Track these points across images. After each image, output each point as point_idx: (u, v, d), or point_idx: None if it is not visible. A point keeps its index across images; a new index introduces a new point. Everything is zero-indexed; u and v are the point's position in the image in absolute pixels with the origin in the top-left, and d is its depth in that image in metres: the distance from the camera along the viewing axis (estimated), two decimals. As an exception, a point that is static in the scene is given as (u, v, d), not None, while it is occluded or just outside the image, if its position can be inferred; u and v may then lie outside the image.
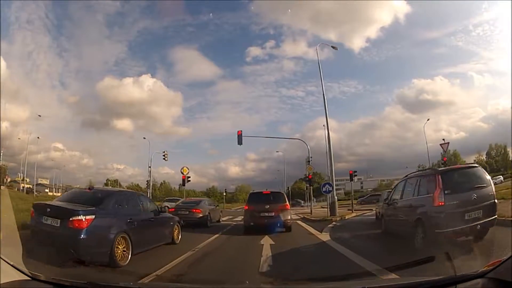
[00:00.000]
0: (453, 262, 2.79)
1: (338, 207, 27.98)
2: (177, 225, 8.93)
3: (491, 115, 66.84)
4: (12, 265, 2.28)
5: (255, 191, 12.71)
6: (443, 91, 69.52)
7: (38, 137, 42.81)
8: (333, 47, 23.97)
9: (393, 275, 4.25)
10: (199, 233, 11.28)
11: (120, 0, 69.58)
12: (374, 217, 15.46)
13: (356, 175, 22.06)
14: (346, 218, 16.76)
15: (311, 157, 24.56)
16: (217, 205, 17.45)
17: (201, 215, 13.77)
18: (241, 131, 21.86)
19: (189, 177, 22.10)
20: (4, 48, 46.77)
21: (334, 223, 14.33)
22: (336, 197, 17.77)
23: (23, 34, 74.60)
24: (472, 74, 76.57)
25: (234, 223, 15.93)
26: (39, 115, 47.50)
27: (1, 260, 2.20)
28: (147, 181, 36.60)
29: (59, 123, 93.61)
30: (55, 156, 70.57)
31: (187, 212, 13.74)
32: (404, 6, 75.12)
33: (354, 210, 21.72)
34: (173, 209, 14.33)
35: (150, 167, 35.72)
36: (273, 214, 10.87)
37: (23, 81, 67.64)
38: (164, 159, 32.60)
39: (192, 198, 19.50)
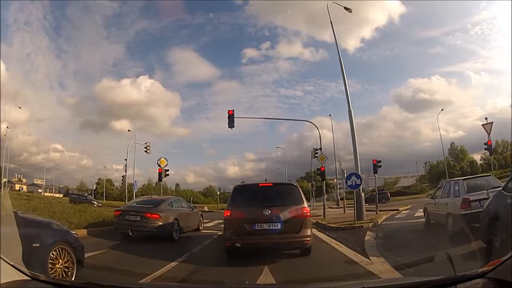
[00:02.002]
0: (453, 262, 2.28)
1: (348, 206, 22.72)
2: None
3: (489, 114, 62.46)
4: (12, 265, 2.13)
5: (244, 183, 6.65)
6: (441, 90, 64.89)
7: (7, 127, 37.91)
8: (346, 8, 18.54)
9: (393, 275, 4.21)
10: (146, 255, 6.44)
11: (118, 0, 66.35)
12: (421, 219, 10.80)
13: (380, 166, 16.68)
14: (379, 223, 11.41)
15: (319, 149, 19.39)
16: (194, 207, 11.81)
17: (160, 222, 8.50)
18: (233, 110, 16.60)
19: (167, 170, 16.93)
20: (3, 50, 43.85)
21: (369, 232, 9.04)
22: (362, 194, 12.36)
23: (21, 35, 71.06)
24: (471, 73, 71.54)
25: (220, 233, 10.61)
26: (19, 107, 42.11)
27: (1, 260, 2.04)
28: (122, 176, 31.01)
29: (58, 124, 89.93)
30: (54, 157, 67.95)
31: (138, 218, 8.47)
32: (403, 6, 71.61)
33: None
34: (118, 212, 9.05)
35: (126, 159, 30.04)
36: (279, 226, 5.59)
37: (22, 82, 66.36)
38: (146, 151, 27.17)
39: (154, 196, 13.99)
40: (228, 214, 5.96)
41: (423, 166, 62.34)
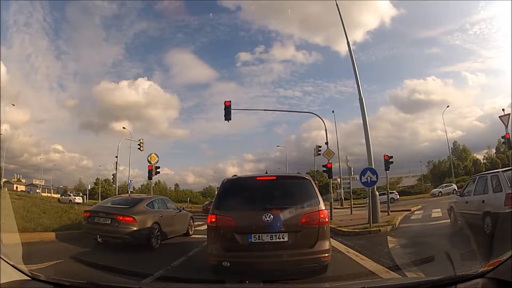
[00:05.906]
0: (453, 262, 2.32)
1: (355, 207, 21.10)
2: None
3: (488, 114, 62.79)
4: (12, 265, 2.11)
5: (236, 177, 5.13)
6: (438, 91, 64.31)
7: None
8: None
9: (393, 275, 4.17)
10: (107, 270, 4.96)
11: (117, 0, 66.60)
12: (442, 221, 10.02)
13: (392, 162, 15.15)
14: (397, 226, 9.83)
15: (325, 143, 17.80)
16: (182, 208, 9.97)
17: (135, 227, 7.03)
18: (230, 101, 15.08)
19: (158, 167, 15.27)
20: (3, 51, 44.66)
21: (390, 238, 7.58)
22: (377, 193, 10.78)
23: (21, 37, 70.90)
24: (470, 73, 71.85)
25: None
26: (13, 104, 40.96)
27: (1, 260, 2.01)
28: (113, 174, 29.57)
29: (58, 125, 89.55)
30: (55, 157, 68.67)
31: (109, 221, 6.94)
32: (402, 6, 72.10)
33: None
34: (87, 214, 7.49)
35: (117, 156, 28.68)
36: (285, 238, 4.16)
37: (22, 84, 66.10)
38: (139, 149, 25.65)
39: (134, 194, 12.33)
40: (213, 220, 4.38)
41: (426, 165, 61.55)
